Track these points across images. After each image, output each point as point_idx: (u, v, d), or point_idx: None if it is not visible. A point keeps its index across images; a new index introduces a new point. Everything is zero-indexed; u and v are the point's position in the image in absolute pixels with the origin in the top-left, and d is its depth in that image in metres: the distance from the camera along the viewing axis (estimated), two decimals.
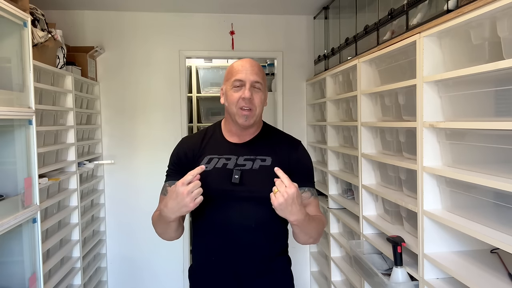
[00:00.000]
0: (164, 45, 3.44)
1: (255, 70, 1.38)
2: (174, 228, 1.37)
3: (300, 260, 3.61)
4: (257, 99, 1.38)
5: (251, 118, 1.38)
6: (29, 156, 1.80)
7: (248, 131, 1.46)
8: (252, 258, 1.39)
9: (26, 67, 1.79)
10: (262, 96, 1.40)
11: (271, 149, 1.45)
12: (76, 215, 2.75)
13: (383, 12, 2.08)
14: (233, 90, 1.38)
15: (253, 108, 1.37)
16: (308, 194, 1.45)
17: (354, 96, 2.39)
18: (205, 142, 1.48)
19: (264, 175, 1.37)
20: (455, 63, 1.53)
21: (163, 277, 3.48)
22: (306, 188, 1.45)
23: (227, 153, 1.43)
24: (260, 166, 1.40)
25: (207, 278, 1.45)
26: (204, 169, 1.27)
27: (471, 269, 1.46)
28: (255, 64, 1.41)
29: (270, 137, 1.50)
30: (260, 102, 1.39)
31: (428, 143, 1.63)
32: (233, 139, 1.46)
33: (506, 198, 1.27)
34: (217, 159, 1.42)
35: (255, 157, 1.42)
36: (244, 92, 1.35)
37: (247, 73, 1.37)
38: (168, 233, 1.40)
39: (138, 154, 3.45)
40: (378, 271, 1.85)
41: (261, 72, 1.41)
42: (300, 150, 1.50)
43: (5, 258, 1.77)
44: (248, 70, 1.37)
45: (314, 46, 3.52)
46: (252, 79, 1.37)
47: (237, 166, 1.40)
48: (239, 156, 1.42)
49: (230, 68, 1.43)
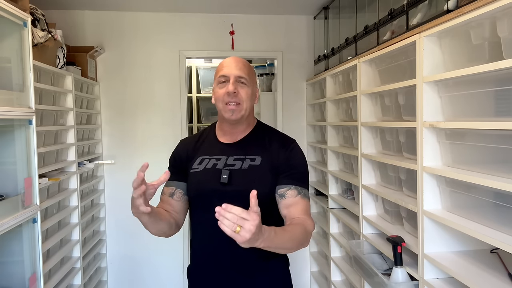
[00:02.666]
0: (164, 45, 3.44)
1: (239, 66, 1.39)
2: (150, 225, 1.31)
3: (300, 260, 3.61)
4: (243, 93, 1.38)
5: (238, 113, 1.38)
6: (29, 156, 1.80)
7: (238, 129, 1.46)
8: (248, 257, 1.39)
9: (26, 67, 1.79)
10: (248, 91, 1.40)
11: (262, 148, 1.44)
12: (76, 215, 2.75)
13: (383, 12, 2.08)
14: (218, 87, 1.39)
15: (240, 102, 1.37)
16: (293, 192, 1.37)
17: (354, 96, 2.39)
18: (200, 143, 1.50)
19: (254, 174, 1.38)
20: (455, 63, 1.53)
21: (163, 277, 3.48)
22: (292, 186, 1.38)
23: (218, 154, 1.44)
24: (249, 166, 1.40)
25: (205, 278, 1.45)
26: (142, 176, 1.18)
27: (471, 269, 1.46)
28: (240, 61, 1.42)
29: (263, 136, 1.49)
30: (247, 96, 1.39)
31: (428, 143, 1.63)
32: (225, 139, 1.47)
33: (506, 198, 1.27)
34: (208, 159, 1.43)
35: (245, 157, 1.42)
36: (228, 87, 1.36)
37: (231, 68, 1.38)
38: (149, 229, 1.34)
39: (138, 154, 3.45)
40: (378, 271, 1.85)
41: (246, 68, 1.41)
42: (292, 149, 1.44)
43: (5, 258, 1.77)
44: (232, 65, 1.39)
45: (314, 46, 3.52)
46: (236, 73, 1.37)
47: (227, 166, 1.40)
48: (229, 156, 1.42)
49: (217, 67, 1.45)
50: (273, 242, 1.17)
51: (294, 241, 1.27)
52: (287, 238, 1.25)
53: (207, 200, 1.39)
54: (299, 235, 1.29)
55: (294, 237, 1.27)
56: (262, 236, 1.11)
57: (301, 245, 1.31)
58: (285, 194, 1.38)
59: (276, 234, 1.19)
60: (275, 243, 1.18)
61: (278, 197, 1.39)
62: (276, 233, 1.19)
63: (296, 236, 1.28)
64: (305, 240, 1.32)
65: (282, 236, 1.23)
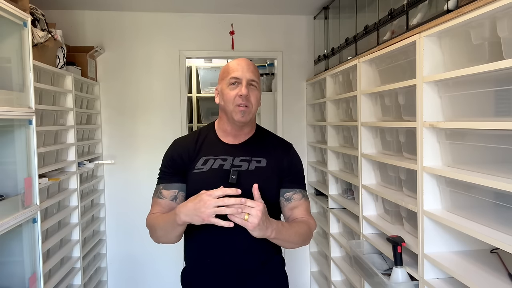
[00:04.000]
0: (164, 45, 3.44)
1: (251, 69, 1.40)
2: (179, 233, 1.36)
3: (300, 260, 3.61)
4: (253, 97, 1.39)
5: (248, 115, 1.38)
6: (29, 156, 1.80)
7: (243, 131, 1.46)
8: (247, 258, 1.40)
9: (26, 67, 1.79)
10: (258, 94, 1.41)
11: (266, 151, 1.46)
12: (76, 215, 2.75)
13: (383, 12, 2.08)
14: (229, 88, 1.39)
15: (250, 105, 1.38)
16: (299, 196, 1.46)
17: (354, 96, 2.39)
18: (200, 143, 1.47)
19: (260, 176, 1.39)
20: (455, 63, 1.53)
21: (163, 277, 3.48)
22: (297, 190, 1.47)
23: (223, 154, 1.43)
24: (256, 167, 1.41)
25: (201, 280, 1.44)
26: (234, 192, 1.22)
27: (471, 269, 1.46)
28: (250, 63, 1.42)
29: (264, 139, 1.51)
30: (256, 100, 1.41)
31: (428, 143, 1.63)
32: (228, 140, 1.46)
33: (506, 198, 1.27)
34: (213, 160, 1.42)
35: (251, 158, 1.42)
36: (241, 89, 1.36)
37: (243, 71, 1.38)
38: (170, 237, 1.37)
39: (138, 154, 3.45)
40: (378, 271, 1.85)
41: (257, 72, 1.43)
42: (292, 153, 1.52)
43: (5, 258, 1.77)
44: (244, 68, 1.39)
45: (314, 46, 3.52)
46: (248, 77, 1.38)
47: (234, 166, 1.40)
48: (235, 157, 1.42)
49: (225, 67, 1.44)
50: (281, 234, 1.29)
51: (299, 236, 1.37)
52: (293, 232, 1.36)
53: None
54: (303, 232, 1.39)
55: (299, 232, 1.38)
56: (271, 225, 1.24)
57: (304, 241, 1.40)
58: (291, 197, 1.45)
59: (284, 227, 1.32)
60: (283, 234, 1.30)
61: (284, 200, 1.45)
62: (284, 226, 1.32)
63: (301, 232, 1.39)
64: (308, 237, 1.42)
65: (289, 229, 1.35)
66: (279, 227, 1.29)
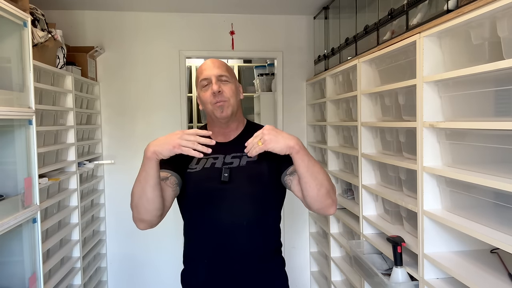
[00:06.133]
0: (164, 45, 3.44)
1: (216, 65, 1.42)
2: (154, 181, 1.26)
3: (300, 260, 3.61)
4: (227, 90, 1.40)
5: (227, 108, 1.39)
6: (29, 156, 1.80)
7: (230, 128, 1.47)
8: (246, 258, 1.39)
9: (26, 67, 1.79)
10: (232, 86, 1.42)
11: None
12: (76, 215, 2.75)
13: (383, 12, 2.08)
14: (203, 91, 1.41)
15: (226, 99, 1.39)
16: None
17: (354, 96, 2.39)
18: None
19: (252, 170, 1.39)
20: (455, 63, 1.53)
21: (163, 277, 3.48)
22: None
23: (214, 153, 1.41)
24: (247, 162, 1.41)
25: (200, 281, 1.43)
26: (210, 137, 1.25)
27: (471, 269, 1.46)
28: (216, 61, 1.45)
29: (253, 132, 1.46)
30: (232, 92, 1.41)
31: (428, 143, 1.63)
32: (219, 139, 1.45)
33: (506, 198, 1.27)
34: (205, 159, 1.43)
35: (242, 154, 1.42)
36: (212, 87, 1.38)
37: (210, 69, 1.41)
38: (146, 192, 1.26)
39: (138, 154, 3.38)
40: (378, 271, 1.85)
41: (224, 66, 1.44)
42: None
43: (5, 258, 1.77)
44: (210, 66, 1.41)
45: (314, 46, 3.52)
46: (216, 73, 1.40)
47: (225, 164, 1.41)
48: (226, 154, 1.44)
49: (196, 74, 1.48)
50: (308, 154, 1.27)
51: (324, 175, 1.30)
52: (319, 166, 1.30)
53: (206, 199, 1.39)
54: (326, 175, 1.32)
55: (324, 172, 1.31)
56: (285, 134, 1.25)
57: (329, 183, 1.32)
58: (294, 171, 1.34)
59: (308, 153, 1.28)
60: (311, 158, 1.27)
61: (289, 177, 1.38)
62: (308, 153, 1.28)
63: (325, 173, 1.31)
64: (331, 187, 1.33)
65: (315, 162, 1.29)
66: (306, 152, 1.26)
